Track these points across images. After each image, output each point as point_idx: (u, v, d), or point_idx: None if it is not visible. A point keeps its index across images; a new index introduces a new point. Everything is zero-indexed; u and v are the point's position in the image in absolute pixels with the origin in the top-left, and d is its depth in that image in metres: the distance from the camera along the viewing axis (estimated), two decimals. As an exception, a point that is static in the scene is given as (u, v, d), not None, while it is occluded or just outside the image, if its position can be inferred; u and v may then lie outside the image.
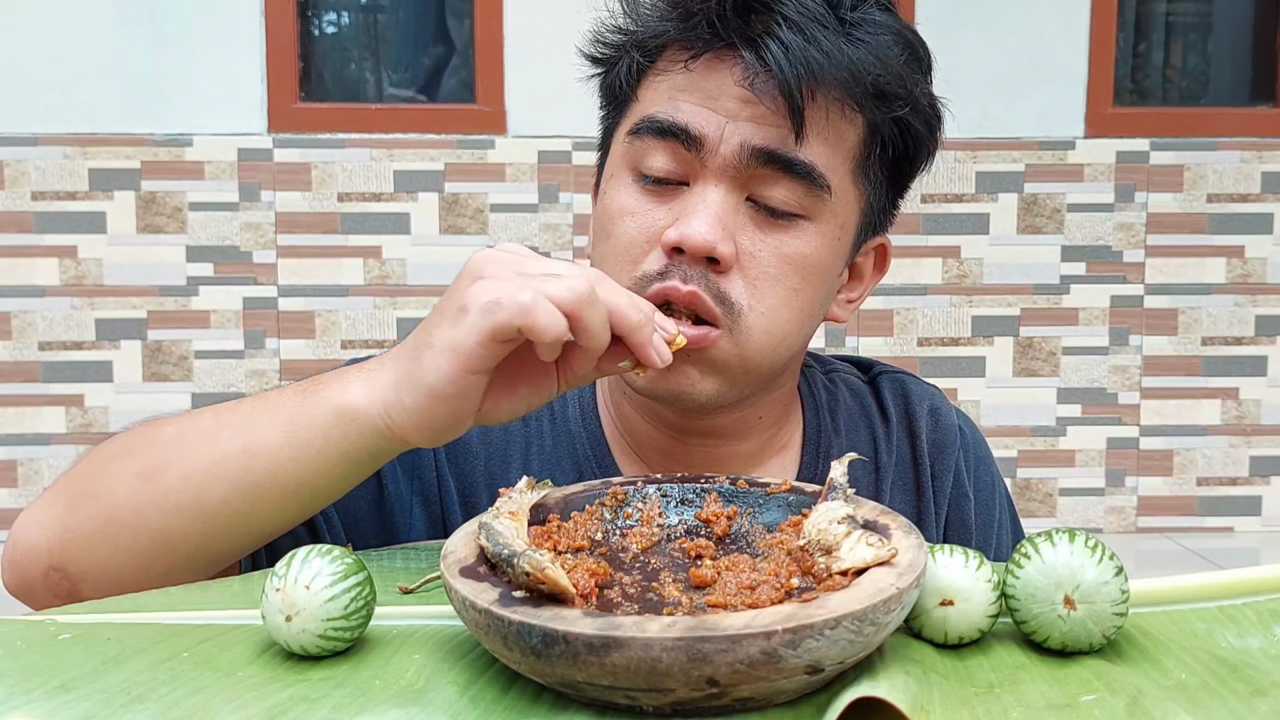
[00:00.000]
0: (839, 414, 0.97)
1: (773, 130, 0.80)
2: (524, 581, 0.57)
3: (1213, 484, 3.77)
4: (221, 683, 0.59)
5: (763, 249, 0.82)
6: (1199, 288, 3.72)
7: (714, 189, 0.81)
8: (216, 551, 0.77)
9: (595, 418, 0.94)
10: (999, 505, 1.01)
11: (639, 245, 0.82)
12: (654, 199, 0.83)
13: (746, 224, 0.81)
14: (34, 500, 0.81)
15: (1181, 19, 4.11)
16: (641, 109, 0.84)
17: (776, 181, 0.81)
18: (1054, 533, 0.62)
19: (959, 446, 0.98)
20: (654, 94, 0.84)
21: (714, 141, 0.80)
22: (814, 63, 0.78)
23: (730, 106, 0.80)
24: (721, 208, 0.80)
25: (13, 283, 3.55)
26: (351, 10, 4.02)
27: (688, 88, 0.82)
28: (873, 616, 0.55)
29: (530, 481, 0.72)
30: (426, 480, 0.91)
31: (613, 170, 0.86)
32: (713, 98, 0.81)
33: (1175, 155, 3.68)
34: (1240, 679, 0.58)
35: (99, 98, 3.51)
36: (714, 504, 0.74)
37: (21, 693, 0.58)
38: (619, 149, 0.86)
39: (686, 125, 0.81)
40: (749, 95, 0.79)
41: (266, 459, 0.74)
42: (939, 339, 3.71)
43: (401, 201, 3.59)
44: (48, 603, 0.79)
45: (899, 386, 1.00)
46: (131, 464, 0.77)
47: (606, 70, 0.89)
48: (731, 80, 0.80)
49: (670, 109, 0.82)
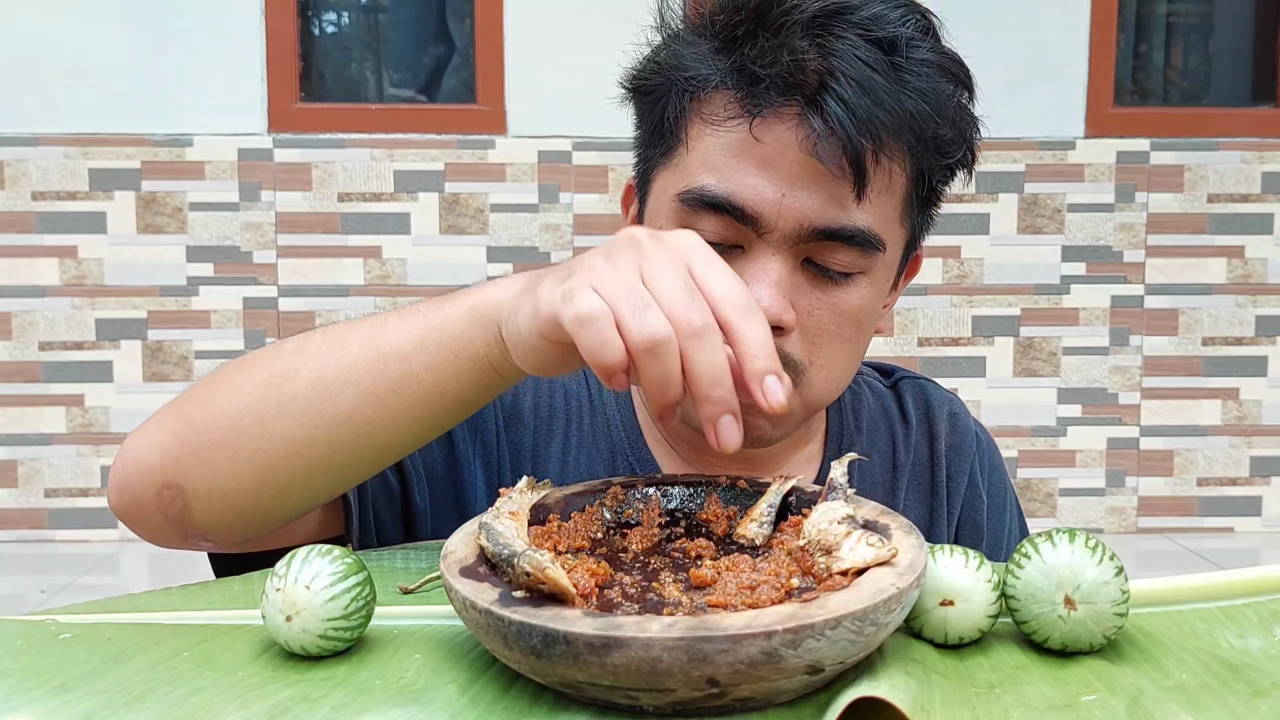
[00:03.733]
0: (861, 414, 0.99)
1: (830, 197, 0.78)
2: (524, 581, 0.57)
3: (1213, 484, 3.77)
4: (222, 682, 0.59)
5: (819, 307, 0.82)
6: (1199, 288, 3.72)
7: (771, 259, 0.79)
8: (339, 467, 0.75)
9: (630, 406, 0.95)
10: (1009, 512, 1.03)
11: None
12: None
13: (802, 284, 0.81)
14: (143, 423, 0.79)
15: (1182, 19, 4.10)
16: (690, 166, 0.81)
17: (834, 252, 0.80)
18: (1054, 533, 0.62)
19: (975, 451, 1.00)
20: (704, 150, 0.80)
21: (771, 218, 0.78)
22: (878, 123, 0.76)
23: (788, 171, 0.78)
24: (780, 275, 0.79)
25: (13, 283, 3.55)
26: (351, 10, 4.02)
27: (742, 152, 0.79)
28: (873, 616, 0.55)
29: (530, 481, 0.72)
30: (488, 442, 0.90)
31: (660, 221, 0.82)
32: (769, 163, 0.78)
33: (1176, 155, 3.68)
34: (1241, 679, 0.58)
35: (99, 97, 3.51)
36: (714, 504, 0.74)
37: (21, 692, 0.58)
38: (666, 202, 0.83)
39: (744, 205, 0.78)
40: (808, 160, 0.77)
41: (398, 362, 0.71)
42: (939, 339, 3.71)
43: (402, 201, 3.59)
44: (158, 525, 0.77)
45: (920, 391, 1.01)
46: (256, 374, 0.75)
47: (646, 101, 0.85)
48: (793, 143, 0.77)
49: (722, 180, 0.79)
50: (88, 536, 3.61)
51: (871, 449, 0.97)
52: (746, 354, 0.59)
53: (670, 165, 0.83)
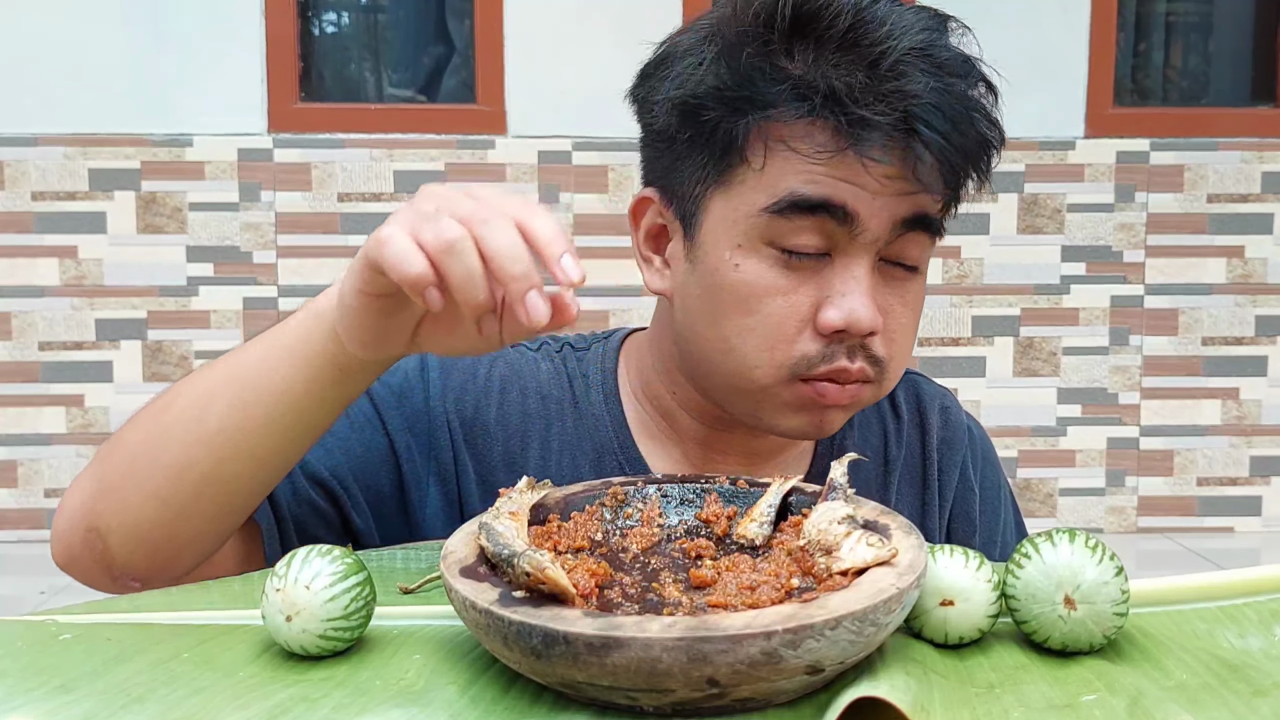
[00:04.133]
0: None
1: (914, 200, 0.81)
2: (524, 581, 0.57)
3: (1213, 484, 3.77)
4: (222, 683, 0.59)
5: (895, 304, 0.84)
6: (1199, 288, 3.72)
7: (859, 265, 0.81)
8: (225, 485, 0.78)
9: (617, 402, 0.95)
10: (1004, 506, 1.03)
11: (791, 324, 0.81)
12: (798, 275, 0.81)
13: (879, 284, 0.83)
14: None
15: (1182, 19, 4.10)
16: (771, 181, 0.80)
17: (911, 241, 0.83)
18: (1054, 533, 0.63)
19: (967, 444, 1.01)
20: (784, 163, 0.79)
21: (867, 216, 0.79)
22: (963, 150, 0.81)
23: (876, 184, 0.79)
24: (870, 282, 0.81)
25: (13, 283, 3.55)
26: (351, 10, 4.02)
27: (831, 163, 0.79)
28: (873, 617, 0.55)
29: (530, 481, 0.72)
30: (443, 460, 0.91)
31: (736, 240, 0.81)
32: (858, 174, 0.79)
33: (1175, 155, 3.68)
34: (1241, 679, 0.58)
35: (99, 98, 3.51)
36: (714, 504, 0.74)
37: (21, 693, 0.58)
38: (742, 220, 0.81)
39: (844, 203, 0.79)
40: (896, 170, 0.79)
41: (253, 369, 0.76)
42: (939, 339, 3.71)
43: (401, 201, 3.59)
44: (89, 569, 0.81)
45: (912, 386, 1.02)
46: (152, 407, 0.81)
47: (703, 122, 0.82)
48: (881, 152, 0.78)
49: (816, 183, 0.79)
50: (88, 536, 3.61)
51: (864, 444, 0.98)
52: (541, 241, 0.64)
53: (734, 183, 0.82)
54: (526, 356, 0.97)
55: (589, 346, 0.98)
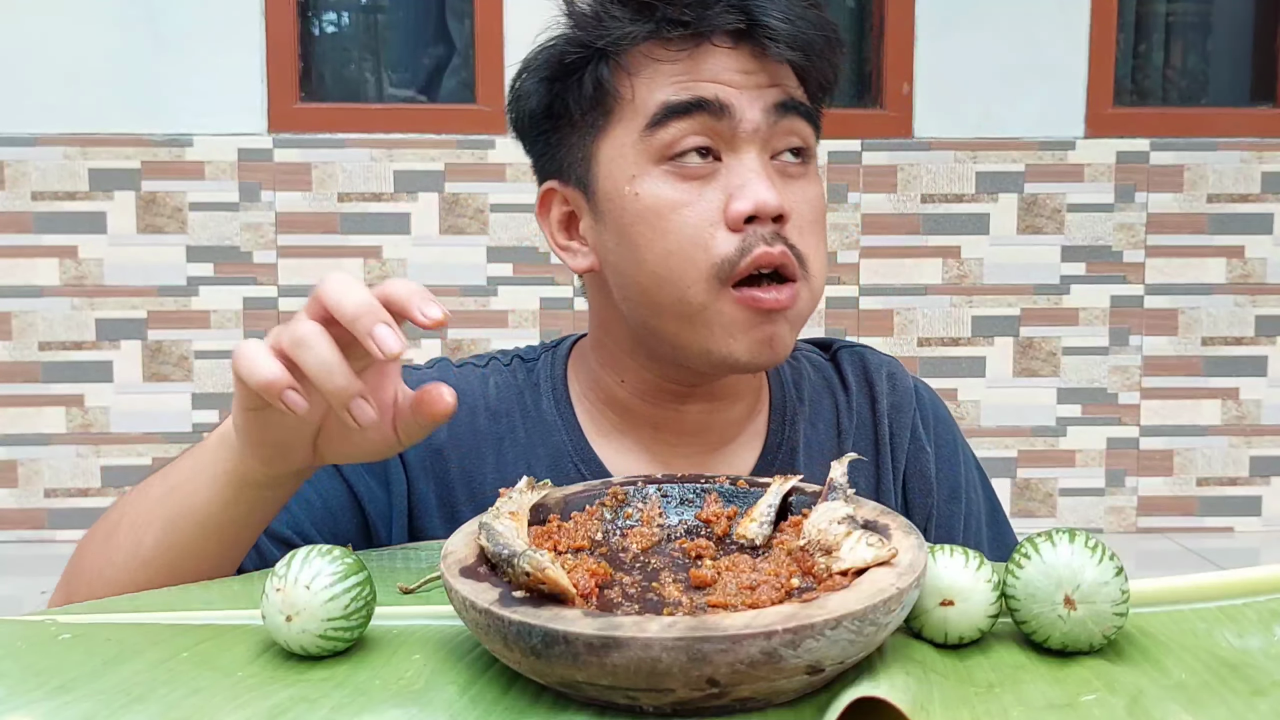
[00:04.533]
0: (803, 386, 1.01)
1: (779, 87, 0.86)
2: (524, 581, 0.57)
3: (1213, 484, 3.77)
4: (221, 683, 0.59)
5: (797, 199, 0.87)
6: (1199, 288, 3.72)
7: (750, 154, 0.85)
8: None
9: (569, 406, 0.97)
10: (964, 463, 1.04)
11: (705, 230, 0.84)
12: (696, 184, 0.85)
13: (778, 179, 0.86)
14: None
15: (1181, 19, 4.10)
16: (643, 103, 0.85)
17: (794, 130, 0.87)
18: (1054, 533, 0.63)
19: (915, 406, 1.02)
20: (653, 85, 0.85)
21: (740, 108, 0.84)
22: (804, 26, 0.85)
23: (738, 79, 0.85)
24: (766, 169, 0.85)
25: (13, 283, 3.55)
26: (351, 10, 4.02)
27: (691, 70, 0.85)
28: (873, 616, 0.55)
29: (530, 481, 0.72)
30: (396, 493, 0.93)
31: (630, 171, 0.86)
32: (719, 74, 0.84)
33: (1175, 155, 3.68)
34: (1240, 679, 0.58)
35: (99, 98, 3.51)
36: (714, 504, 0.74)
37: (21, 693, 0.58)
38: (629, 151, 0.86)
39: (714, 97, 0.84)
40: (750, 65, 0.85)
41: (179, 491, 0.78)
42: (939, 339, 3.71)
43: (401, 201, 3.59)
44: None
45: (857, 358, 1.04)
46: (100, 527, 0.84)
47: (572, 80, 0.88)
48: (733, 54, 0.85)
49: (682, 91, 0.84)
50: (87, 537, 3.61)
51: (816, 418, 0.99)
52: (397, 298, 0.66)
53: (617, 123, 0.87)
54: (473, 375, 0.98)
55: (538, 357, 1.01)
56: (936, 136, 3.64)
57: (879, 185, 3.64)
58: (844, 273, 3.67)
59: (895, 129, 3.64)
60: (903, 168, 3.64)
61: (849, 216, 3.65)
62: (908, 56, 3.63)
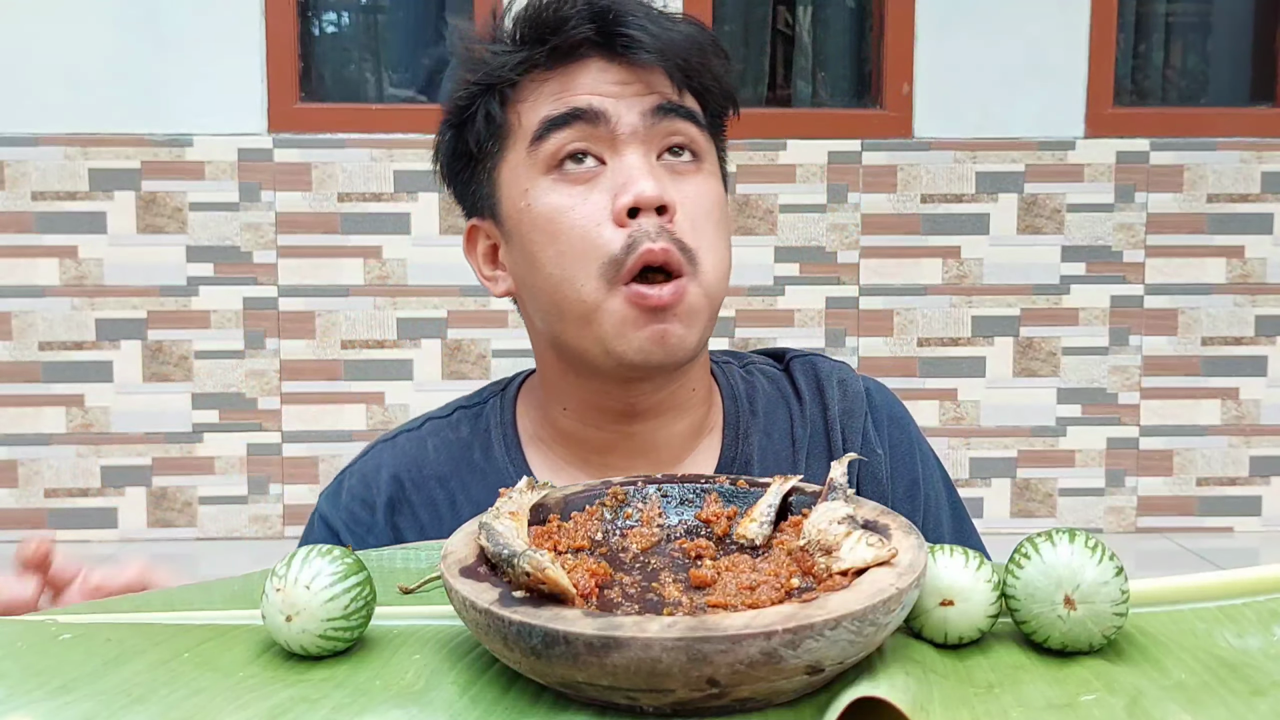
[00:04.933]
0: (756, 399, 1.02)
1: (656, 91, 0.90)
2: (524, 581, 0.57)
3: (1213, 484, 3.77)
4: (222, 683, 0.59)
5: (687, 194, 0.89)
6: (1199, 288, 3.72)
7: (632, 154, 0.88)
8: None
9: (519, 451, 0.98)
10: (922, 460, 1.04)
11: (591, 231, 0.87)
12: (583, 187, 0.88)
13: (665, 176, 0.89)
14: None
15: (1181, 19, 4.11)
16: (528, 122, 0.90)
17: (676, 130, 0.90)
18: (1054, 533, 0.63)
19: (866, 410, 1.03)
20: (536, 107, 0.90)
21: (615, 112, 0.89)
22: (668, 35, 0.90)
23: (613, 89, 0.89)
24: (648, 164, 0.88)
25: (13, 283, 3.55)
26: (351, 10, 4.02)
27: (568, 88, 0.90)
28: (873, 617, 0.55)
29: (530, 481, 0.72)
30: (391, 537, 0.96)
31: (523, 186, 0.90)
32: (595, 87, 0.89)
33: (1175, 155, 3.68)
34: (1240, 679, 0.58)
35: (99, 98, 3.51)
36: (714, 504, 0.74)
37: (21, 693, 0.58)
38: (521, 168, 0.91)
39: (589, 105, 0.88)
40: (625, 75, 0.89)
41: None
42: (939, 339, 3.71)
43: (401, 201, 3.59)
44: None
45: (809, 367, 1.05)
46: None
47: (467, 120, 0.93)
48: (606, 68, 0.89)
49: (561, 104, 0.89)
50: (88, 536, 3.61)
51: (771, 428, 1.00)
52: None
53: (510, 147, 0.92)
54: (410, 445, 1.00)
55: (485, 401, 1.03)
56: (936, 136, 3.64)
57: (879, 185, 3.64)
58: (844, 273, 3.67)
59: (895, 129, 3.64)
60: (903, 168, 3.64)
61: (849, 216, 3.65)
62: (908, 56, 3.63)
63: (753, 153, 3.60)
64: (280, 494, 3.65)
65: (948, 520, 1.04)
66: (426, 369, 3.64)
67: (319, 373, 3.63)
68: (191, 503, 3.64)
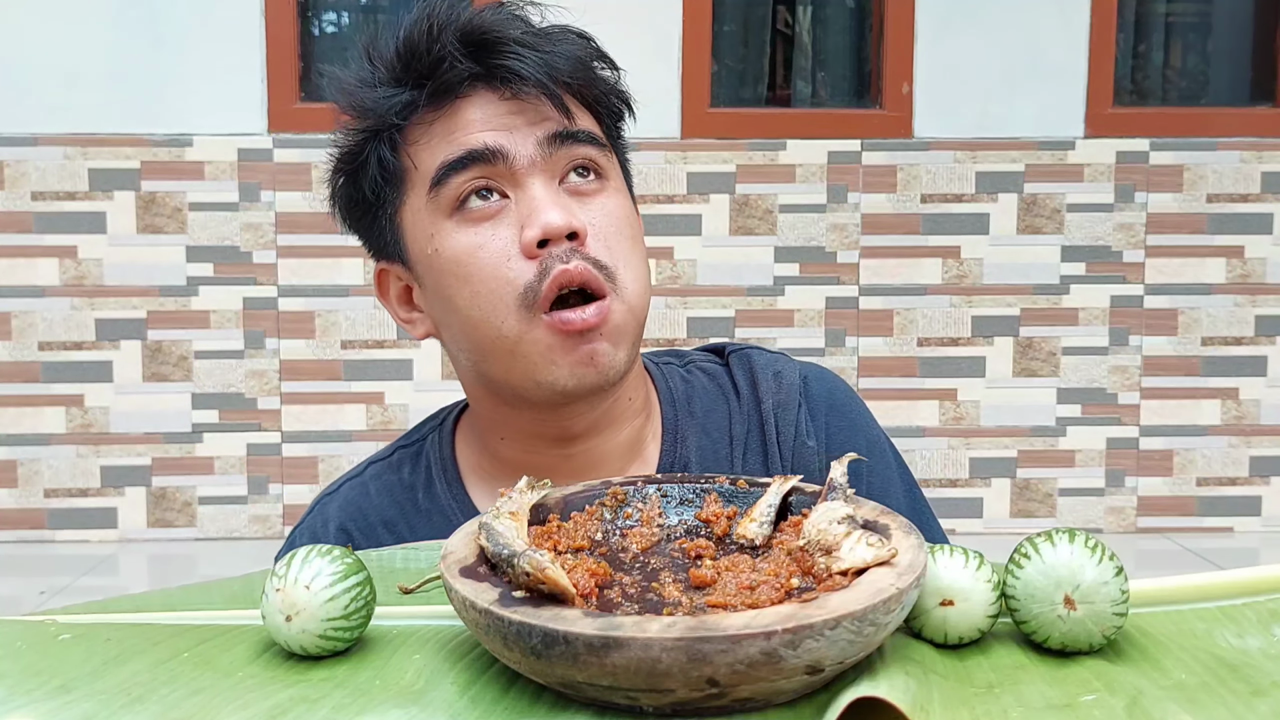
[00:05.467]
0: (694, 401, 1.01)
1: (547, 119, 0.89)
2: (524, 581, 0.57)
3: (1213, 484, 3.77)
4: (221, 683, 0.59)
5: (595, 215, 0.89)
6: (1199, 288, 3.72)
7: (534, 184, 0.88)
8: None
9: (460, 487, 0.98)
10: (869, 444, 1.01)
11: (503, 267, 0.87)
12: (485, 225, 0.88)
13: (570, 202, 0.88)
14: None
15: (1181, 19, 4.11)
16: (425, 167, 0.89)
17: (574, 155, 0.89)
18: (1054, 533, 0.63)
19: (800, 400, 1.01)
20: (429, 150, 0.89)
21: (511, 147, 0.87)
22: (548, 60, 0.88)
23: (504, 120, 0.88)
24: (551, 193, 0.88)
25: (13, 283, 3.55)
26: (351, 10, 4.02)
27: (459, 127, 0.88)
28: (873, 617, 0.55)
29: (530, 481, 0.72)
30: None
31: (428, 231, 0.89)
32: (486, 123, 0.88)
33: (1175, 155, 3.68)
34: (1240, 679, 0.58)
35: (99, 98, 3.51)
36: (714, 504, 0.74)
37: (21, 693, 0.58)
38: (424, 213, 0.89)
39: (484, 145, 0.87)
40: (513, 104, 0.88)
41: None
42: (939, 339, 3.71)
43: (401, 201, 3.59)
44: None
45: (745, 360, 1.04)
46: None
47: (360, 165, 0.92)
48: (494, 100, 0.88)
49: (456, 147, 0.88)
50: (87, 537, 3.61)
51: (709, 426, 1.00)
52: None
53: (409, 191, 0.91)
54: (354, 493, 1.00)
55: (424, 438, 1.02)
56: (936, 136, 3.64)
57: (879, 185, 3.64)
58: (844, 273, 3.67)
59: (895, 129, 3.64)
60: (903, 168, 3.64)
61: (849, 216, 3.65)
62: (908, 56, 3.63)
63: (752, 153, 3.60)
64: (280, 494, 3.65)
65: (902, 509, 1.01)
66: (426, 369, 3.64)
67: (319, 373, 3.63)
68: (191, 503, 3.64)
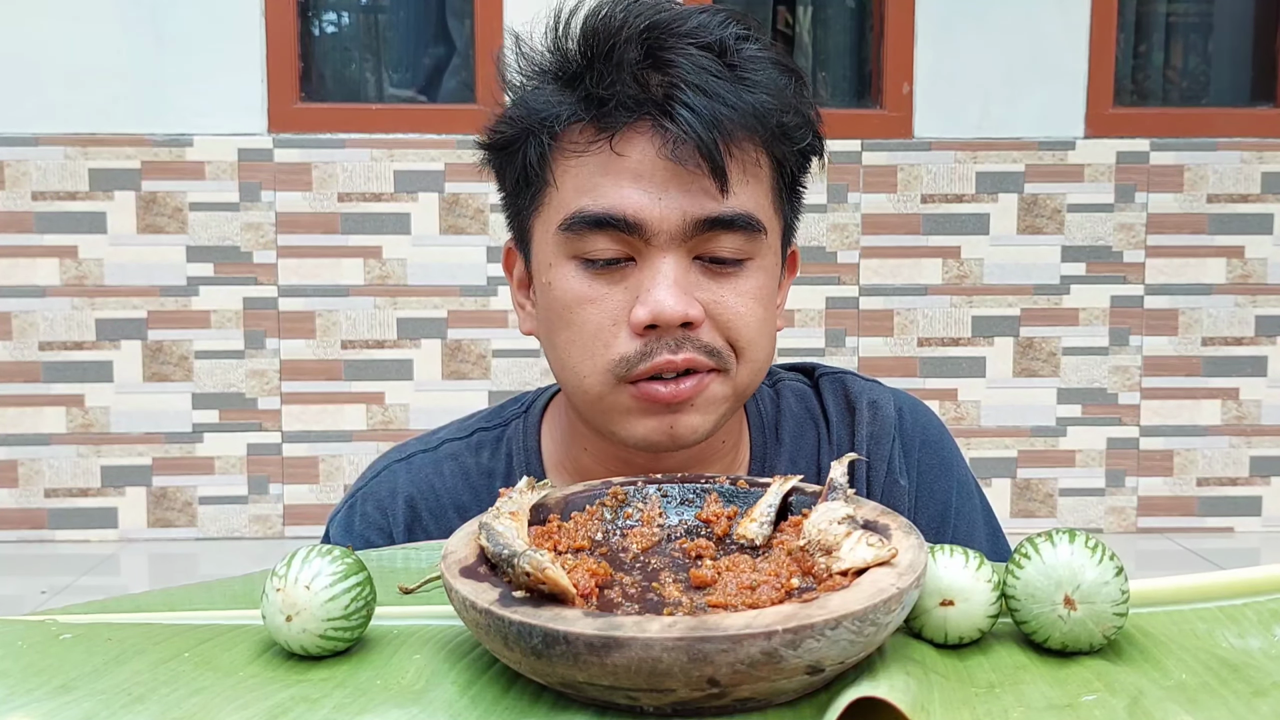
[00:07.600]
0: (783, 425, 0.99)
1: (702, 192, 0.82)
2: (524, 581, 0.57)
3: (1213, 484, 3.77)
4: (222, 683, 0.59)
5: (724, 296, 0.84)
6: (1199, 288, 3.72)
7: (663, 261, 0.83)
8: None
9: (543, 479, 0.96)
10: (958, 485, 1.00)
11: (606, 330, 0.84)
12: (606, 282, 0.84)
13: (701, 280, 0.84)
14: None
15: (1181, 19, 4.10)
16: (564, 198, 0.84)
17: (720, 239, 0.83)
18: (1054, 533, 0.63)
19: (895, 435, 0.99)
20: (574, 180, 0.84)
21: (654, 221, 0.82)
22: (724, 119, 0.81)
23: (657, 179, 0.82)
24: (675, 274, 0.82)
25: (13, 283, 3.55)
26: (351, 10, 4.02)
27: (609, 170, 0.82)
28: (873, 617, 0.55)
29: (530, 481, 0.72)
30: None
31: (549, 259, 0.86)
32: (638, 175, 0.82)
33: (1175, 155, 3.68)
34: (1241, 679, 0.58)
35: (99, 98, 3.51)
36: (714, 504, 0.74)
37: (22, 693, 0.58)
38: (550, 240, 0.86)
39: (624, 214, 0.82)
40: (672, 165, 0.81)
41: None
42: (939, 339, 3.71)
43: (402, 201, 3.59)
44: None
45: (839, 386, 1.02)
46: None
47: (506, 155, 0.89)
48: (652, 152, 0.81)
49: (599, 199, 0.82)
50: (88, 536, 3.61)
51: (797, 455, 0.98)
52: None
53: (544, 206, 0.86)
54: (427, 467, 0.98)
55: (507, 423, 1.00)
56: (936, 137, 3.64)
57: (879, 185, 3.65)
58: (844, 273, 3.67)
59: (895, 129, 3.64)
60: (903, 168, 3.64)
61: (849, 217, 3.65)
62: (908, 56, 3.63)
63: (753, 153, 3.59)
64: (280, 494, 3.65)
65: (985, 552, 1.01)
66: (426, 369, 3.64)
67: (319, 373, 3.63)
68: (191, 503, 3.64)
